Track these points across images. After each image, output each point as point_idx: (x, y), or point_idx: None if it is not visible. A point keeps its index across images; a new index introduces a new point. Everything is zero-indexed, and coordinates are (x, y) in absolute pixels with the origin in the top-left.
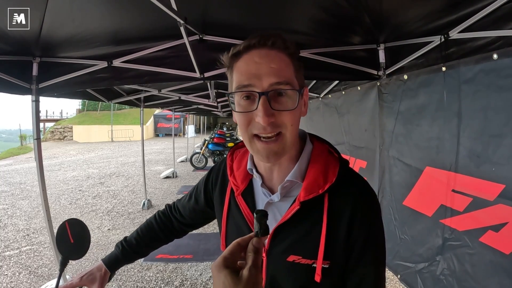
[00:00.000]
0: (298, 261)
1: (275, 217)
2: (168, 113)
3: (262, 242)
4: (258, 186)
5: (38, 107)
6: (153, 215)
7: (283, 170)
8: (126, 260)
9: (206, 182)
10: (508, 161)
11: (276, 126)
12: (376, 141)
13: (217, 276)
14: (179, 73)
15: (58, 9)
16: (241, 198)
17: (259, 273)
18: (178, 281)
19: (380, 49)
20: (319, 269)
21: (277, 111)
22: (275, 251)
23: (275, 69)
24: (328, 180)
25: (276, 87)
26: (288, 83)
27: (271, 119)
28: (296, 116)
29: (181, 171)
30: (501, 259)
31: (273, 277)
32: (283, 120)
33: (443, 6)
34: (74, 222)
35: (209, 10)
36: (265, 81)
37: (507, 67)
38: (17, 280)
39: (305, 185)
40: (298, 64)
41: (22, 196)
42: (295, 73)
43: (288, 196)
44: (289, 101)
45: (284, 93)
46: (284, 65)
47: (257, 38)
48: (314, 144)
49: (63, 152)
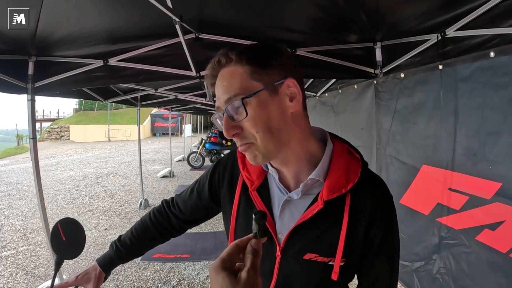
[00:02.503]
0: (314, 259)
1: (293, 216)
2: (165, 112)
3: (261, 244)
4: (273, 182)
5: (34, 106)
6: (148, 213)
7: (295, 169)
8: (121, 261)
9: (211, 176)
10: (505, 159)
11: (243, 138)
12: (373, 140)
13: (215, 278)
14: (175, 71)
15: (54, 8)
16: (256, 193)
17: (258, 275)
18: (175, 280)
19: (377, 47)
20: (337, 267)
21: (239, 123)
22: (292, 249)
23: (225, 86)
24: (351, 180)
25: (228, 103)
26: (237, 94)
27: (234, 131)
28: (260, 120)
29: (178, 170)
30: (498, 258)
31: (287, 276)
32: (248, 129)
33: (440, 4)
34: (67, 221)
35: (205, 8)
36: (221, 100)
37: (504, 65)
38: (14, 280)
39: (328, 184)
40: (257, 63)
41: (19, 196)
42: (249, 77)
43: (307, 194)
44: (242, 111)
45: (238, 105)
46: (233, 79)
47: (212, 62)
48: (335, 143)
49: (60, 151)
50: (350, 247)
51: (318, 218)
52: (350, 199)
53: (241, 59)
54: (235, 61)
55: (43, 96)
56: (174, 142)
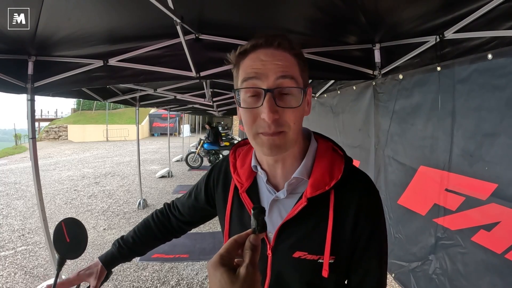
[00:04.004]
0: (304, 257)
1: (281, 214)
2: (164, 112)
3: (260, 239)
4: (262, 183)
5: (33, 106)
6: (150, 214)
7: (287, 168)
8: (123, 259)
9: (207, 180)
10: (501, 160)
11: (279, 125)
12: (371, 141)
13: (213, 274)
14: (175, 72)
15: (54, 8)
16: (246, 195)
17: (257, 271)
18: (174, 280)
19: (376, 48)
20: (326, 264)
21: (281, 108)
22: (281, 247)
23: (280, 65)
24: (334, 177)
25: (282, 82)
26: (293, 78)
27: (275, 116)
28: (299, 114)
29: (176, 170)
30: (493, 259)
31: (279, 274)
32: (286, 118)
33: (438, 7)
34: (70, 221)
35: (205, 9)
36: (270, 77)
37: (501, 67)
38: (13, 280)
39: (312, 182)
40: (303, 64)
41: (17, 196)
42: (300, 72)
43: (294, 193)
44: (293, 99)
45: (288, 91)
46: (289, 63)
47: (264, 38)
48: (319, 142)
49: (58, 151)
50: (338, 244)
51: (304, 216)
52: (334, 196)
53: (296, 53)
54: (295, 53)
55: (42, 96)
56: (173, 142)
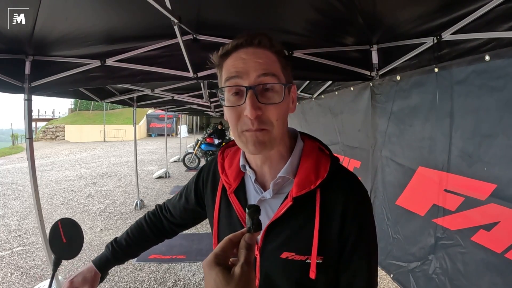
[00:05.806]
0: (291, 257)
1: (268, 214)
2: (161, 113)
3: (255, 238)
4: (250, 183)
5: (30, 106)
6: (143, 215)
7: (274, 167)
8: (117, 261)
9: (196, 181)
10: (500, 160)
11: (262, 122)
12: (369, 141)
13: (209, 273)
14: (173, 72)
15: (52, 7)
16: (234, 195)
17: (252, 270)
18: (171, 281)
19: (373, 50)
20: (313, 265)
21: (263, 105)
22: (268, 248)
23: (261, 63)
24: (320, 176)
25: (263, 79)
26: (274, 75)
27: (258, 112)
28: (282, 111)
29: (173, 171)
30: (493, 258)
31: (268, 274)
32: (268, 115)
33: (436, 8)
34: (67, 222)
35: (203, 10)
36: (252, 75)
37: (499, 68)
38: (9, 281)
39: (297, 181)
40: (285, 61)
41: (14, 196)
42: (281, 69)
43: (280, 193)
44: (275, 95)
45: (270, 88)
46: (270, 61)
47: (244, 38)
48: (305, 141)
49: (55, 152)
50: (325, 244)
51: (290, 216)
52: (320, 195)
53: (277, 50)
54: (276, 50)
55: (39, 96)
56: (170, 142)
